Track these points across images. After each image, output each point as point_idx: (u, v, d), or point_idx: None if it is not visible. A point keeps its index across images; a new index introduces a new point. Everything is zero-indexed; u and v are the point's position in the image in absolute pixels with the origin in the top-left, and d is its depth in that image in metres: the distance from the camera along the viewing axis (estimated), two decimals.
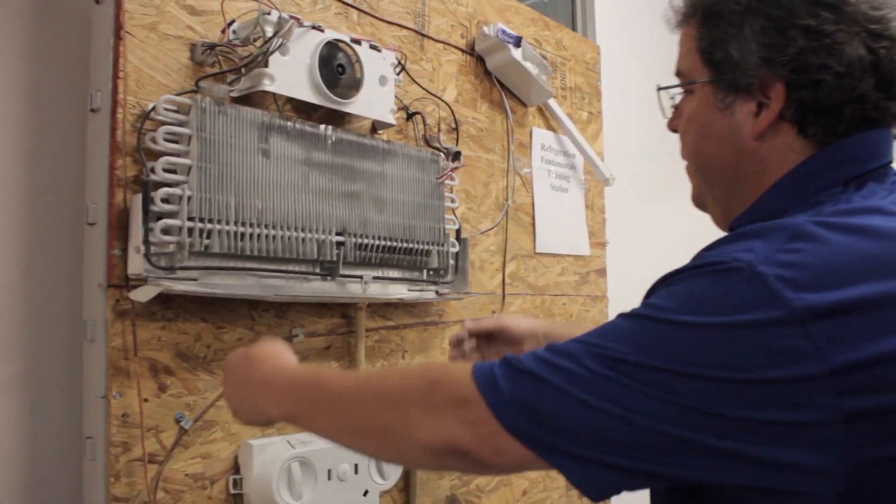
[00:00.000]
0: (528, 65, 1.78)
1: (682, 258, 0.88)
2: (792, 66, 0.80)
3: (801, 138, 0.83)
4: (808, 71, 0.80)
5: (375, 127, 1.47)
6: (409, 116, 1.57)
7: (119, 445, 1.11)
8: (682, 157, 0.98)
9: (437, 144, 1.60)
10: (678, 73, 0.95)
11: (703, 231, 1.30)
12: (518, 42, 1.74)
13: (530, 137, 1.91)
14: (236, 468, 1.26)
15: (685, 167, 0.99)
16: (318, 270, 1.31)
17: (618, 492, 0.75)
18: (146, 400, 1.14)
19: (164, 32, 1.19)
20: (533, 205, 1.90)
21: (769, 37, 0.82)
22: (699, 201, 0.98)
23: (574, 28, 2.53)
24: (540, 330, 1.27)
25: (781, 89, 0.82)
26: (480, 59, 1.77)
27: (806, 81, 0.80)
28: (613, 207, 2.24)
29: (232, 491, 1.24)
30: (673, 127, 0.98)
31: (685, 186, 1.02)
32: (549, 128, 1.98)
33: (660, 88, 0.98)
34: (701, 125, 0.91)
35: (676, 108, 0.98)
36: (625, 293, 1.97)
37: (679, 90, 0.95)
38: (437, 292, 1.54)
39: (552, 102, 1.95)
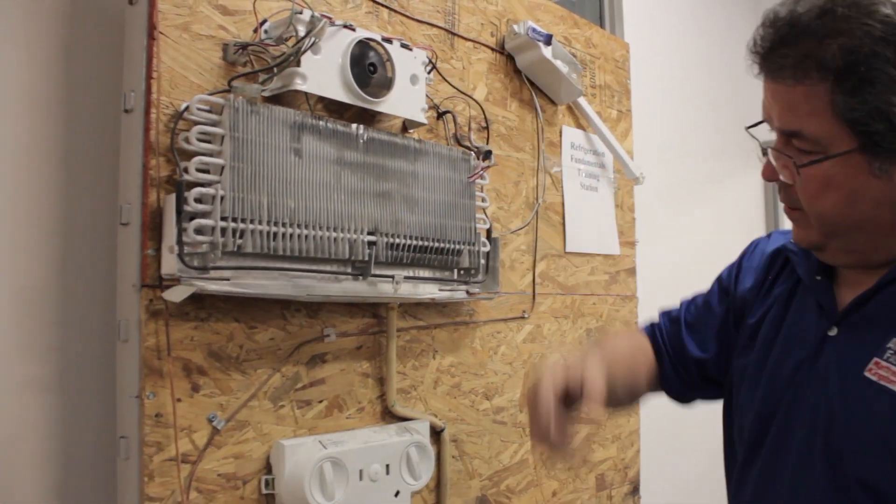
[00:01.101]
0: (558, 63, 1.76)
1: (710, 257, 0.87)
2: None
3: None
4: None
5: (406, 126, 1.47)
6: (440, 115, 1.56)
7: (153, 445, 1.11)
8: (789, 207, 0.96)
9: (467, 143, 1.59)
10: (793, 134, 0.90)
11: (731, 230, 1.29)
12: (548, 40, 1.73)
13: (560, 136, 1.90)
14: (268, 468, 1.25)
15: (790, 212, 0.97)
16: (349, 270, 1.30)
17: None
18: (179, 400, 1.14)
19: (196, 32, 1.19)
20: (563, 204, 1.89)
21: None
22: (813, 244, 0.97)
23: (602, 25, 2.51)
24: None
25: None
26: (510, 58, 1.76)
27: None
28: (643, 206, 2.22)
29: (264, 491, 1.24)
30: (773, 178, 0.94)
31: (714, 184, 1.02)
32: (579, 126, 1.97)
33: (785, 156, 0.92)
34: (849, 192, 0.88)
35: (776, 159, 0.94)
36: (655, 292, 1.96)
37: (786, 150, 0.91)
38: (467, 292, 1.53)
39: (582, 101, 1.94)
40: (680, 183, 2.88)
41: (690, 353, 1.19)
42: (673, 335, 1.23)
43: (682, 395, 1.24)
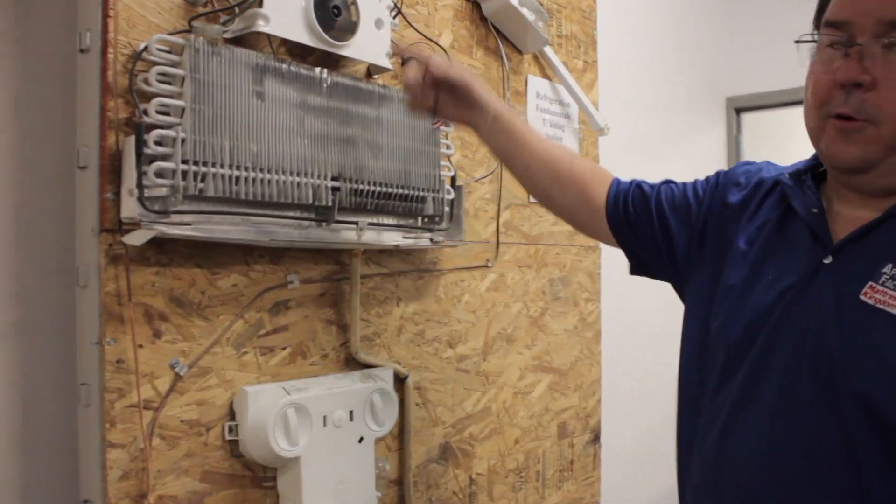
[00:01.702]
0: (524, 11, 1.74)
1: None
2: None
3: None
4: None
5: (371, 71, 1.45)
6: (405, 61, 1.54)
7: (114, 392, 1.10)
8: (848, 120, 0.95)
9: None
10: None
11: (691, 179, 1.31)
12: None
13: (525, 85, 1.88)
14: (232, 415, 1.25)
15: (847, 124, 0.95)
16: (313, 216, 1.29)
17: None
18: (141, 346, 1.13)
19: None
20: None
21: None
22: (867, 161, 0.96)
23: None
24: (493, 110, 1.27)
25: None
26: (476, 5, 1.74)
27: None
28: (607, 157, 2.23)
29: (227, 437, 1.24)
30: (856, 79, 0.93)
31: (679, 138, 1.02)
32: (545, 76, 1.96)
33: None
34: None
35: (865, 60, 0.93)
36: None
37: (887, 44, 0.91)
38: (431, 240, 1.52)
39: (548, 50, 1.92)
40: (645, 135, 2.89)
41: (669, 225, 1.21)
42: (638, 194, 1.25)
43: (632, 248, 1.26)
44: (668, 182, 1.26)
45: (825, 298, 0.95)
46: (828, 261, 0.98)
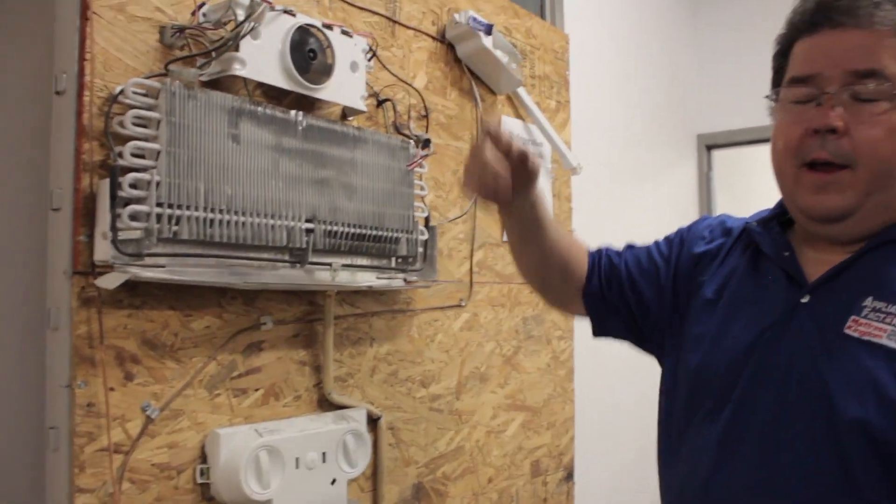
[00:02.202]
0: (498, 53, 1.77)
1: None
2: None
3: None
4: None
5: (346, 113, 1.46)
6: (380, 103, 1.55)
7: (84, 435, 1.09)
8: (824, 172, 0.97)
9: (406, 132, 1.59)
10: (870, 74, 0.95)
11: (667, 221, 1.32)
12: (489, 30, 1.73)
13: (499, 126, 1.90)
14: (203, 458, 1.24)
15: (824, 177, 0.98)
16: (287, 258, 1.29)
17: None
18: (112, 389, 1.12)
19: (132, 14, 1.16)
20: None
21: None
22: (846, 209, 0.98)
23: (543, 16, 2.52)
24: (533, 194, 1.18)
25: None
26: (451, 47, 1.76)
27: None
28: (580, 196, 2.25)
29: (199, 480, 1.23)
30: (830, 126, 0.96)
31: (651, 175, 1.04)
32: (518, 116, 1.98)
33: (867, 100, 0.96)
34: None
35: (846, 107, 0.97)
36: None
37: (872, 93, 0.95)
38: (405, 280, 1.53)
39: (521, 91, 1.95)
40: (617, 173, 2.92)
41: (642, 291, 1.22)
42: (608, 267, 1.26)
43: (601, 319, 1.26)
44: (630, 247, 1.28)
45: (808, 334, 0.97)
46: (805, 300, 0.99)
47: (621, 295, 1.23)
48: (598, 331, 1.28)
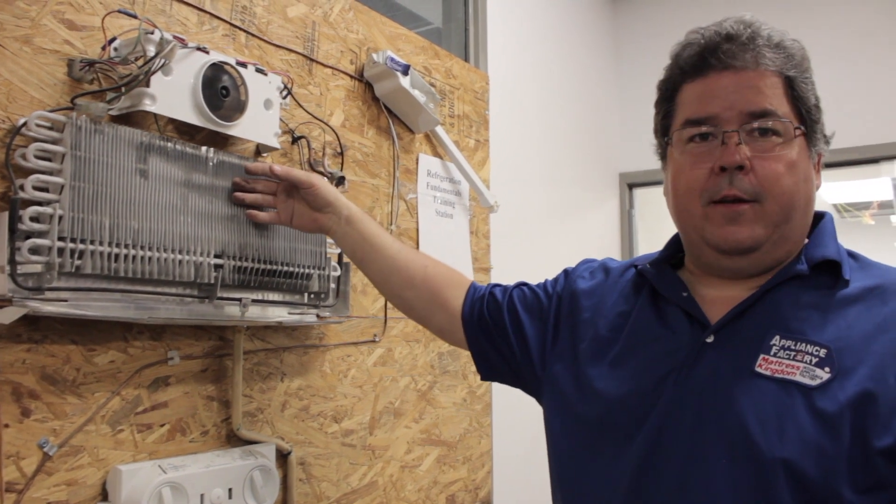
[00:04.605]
0: (415, 92, 1.80)
1: None
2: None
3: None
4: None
5: (260, 150, 1.47)
6: (295, 140, 1.57)
7: None
8: (733, 205, 1.02)
9: (321, 169, 1.61)
10: (766, 114, 1.01)
11: (593, 254, 1.36)
12: (406, 70, 1.77)
13: (416, 163, 1.94)
14: (104, 495, 1.22)
15: (733, 209, 1.02)
16: (195, 293, 1.29)
17: None
18: (7, 425, 1.10)
19: (39, 46, 1.16)
20: (417, 230, 1.93)
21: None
22: (757, 240, 1.02)
23: (466, 56, 2.57)
24: (346, 211, 1.32)
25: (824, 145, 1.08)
26: (369, 86, 1.79)
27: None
28: (498, 233, 2.29)
29: None
30: (738, 163, 1.00)
31: (571, 213, 1.07)
32: (436, 154, 2.02)
33: (766, 135, 1.02)
34: (803, 172, 1.03)
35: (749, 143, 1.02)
36: None
37: (770, 130, 1.02)
38: (317, 316, 1.54)
39: (439, 130, 1.99)
40: (537, 211, 2.97)
41: (522, 322, 1.25)
42: (490, 298, 1.30)
43: (484, 353, 1.29)
44: (521, 284, 1.32)
45: (718, 373, 0.99)
46: (710, 340, 1.02)
47: (501, 326, 1.26)
48: (483, 367, 1.31)
